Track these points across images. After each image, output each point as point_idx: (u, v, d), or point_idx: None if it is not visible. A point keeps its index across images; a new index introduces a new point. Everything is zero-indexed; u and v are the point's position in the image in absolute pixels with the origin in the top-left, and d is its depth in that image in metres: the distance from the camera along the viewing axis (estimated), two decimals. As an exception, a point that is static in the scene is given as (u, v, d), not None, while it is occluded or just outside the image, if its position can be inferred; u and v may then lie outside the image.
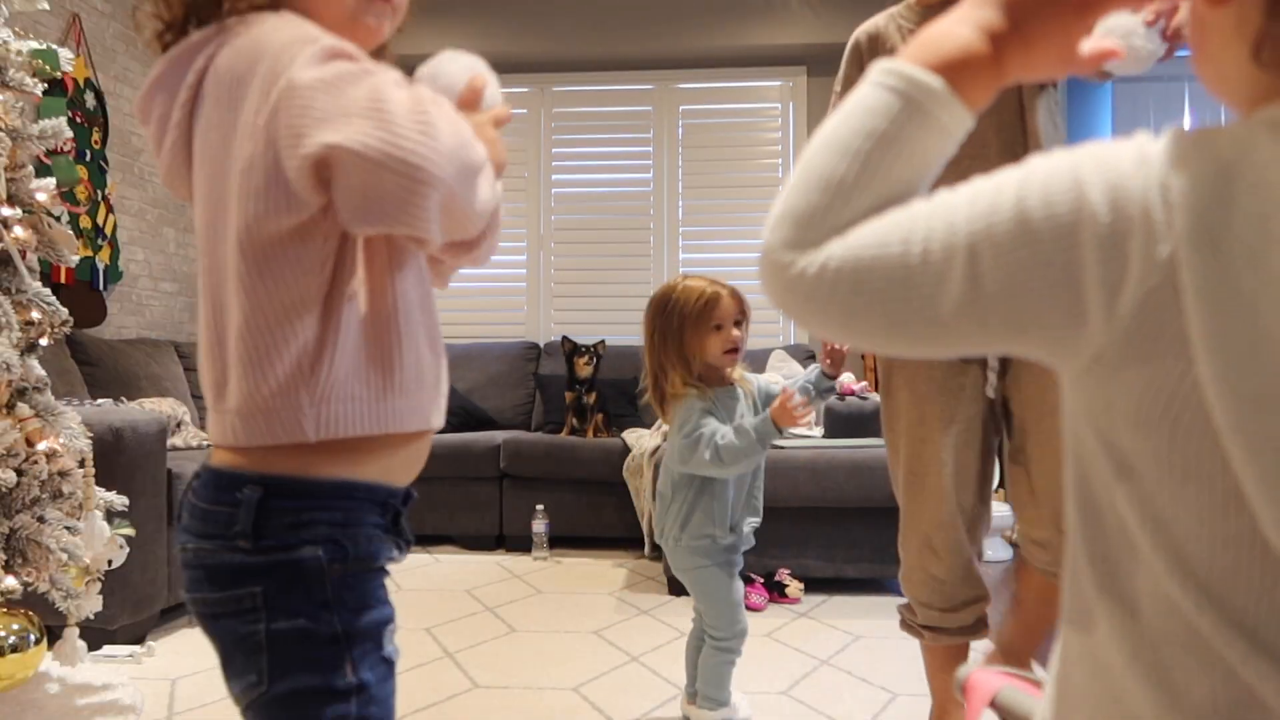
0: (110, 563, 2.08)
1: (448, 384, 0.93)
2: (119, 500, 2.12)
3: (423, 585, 3.26)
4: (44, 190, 1.99)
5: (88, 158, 3.69)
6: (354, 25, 0.85)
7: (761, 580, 3.03)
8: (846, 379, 3.82)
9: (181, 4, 0.82)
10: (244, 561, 0.80)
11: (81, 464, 2.00)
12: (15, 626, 1.90)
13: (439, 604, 3.00)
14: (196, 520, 0.83)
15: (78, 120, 3.61)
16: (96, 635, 2.35)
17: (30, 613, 1.95)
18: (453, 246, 0.91)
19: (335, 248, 0.79)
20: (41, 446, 1.90)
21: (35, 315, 1.93)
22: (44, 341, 1.98)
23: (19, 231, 1.92)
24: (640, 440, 3.63)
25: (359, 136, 0.67)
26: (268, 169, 0.74)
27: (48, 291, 1.97)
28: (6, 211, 1.90)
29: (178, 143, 0.83)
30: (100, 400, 2.98)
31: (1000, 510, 3.50)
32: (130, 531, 2.15)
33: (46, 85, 2.03)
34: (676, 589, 3.11)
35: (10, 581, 1.87)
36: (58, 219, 2.07)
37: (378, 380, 0.82)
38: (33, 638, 1.92)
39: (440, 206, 0.70)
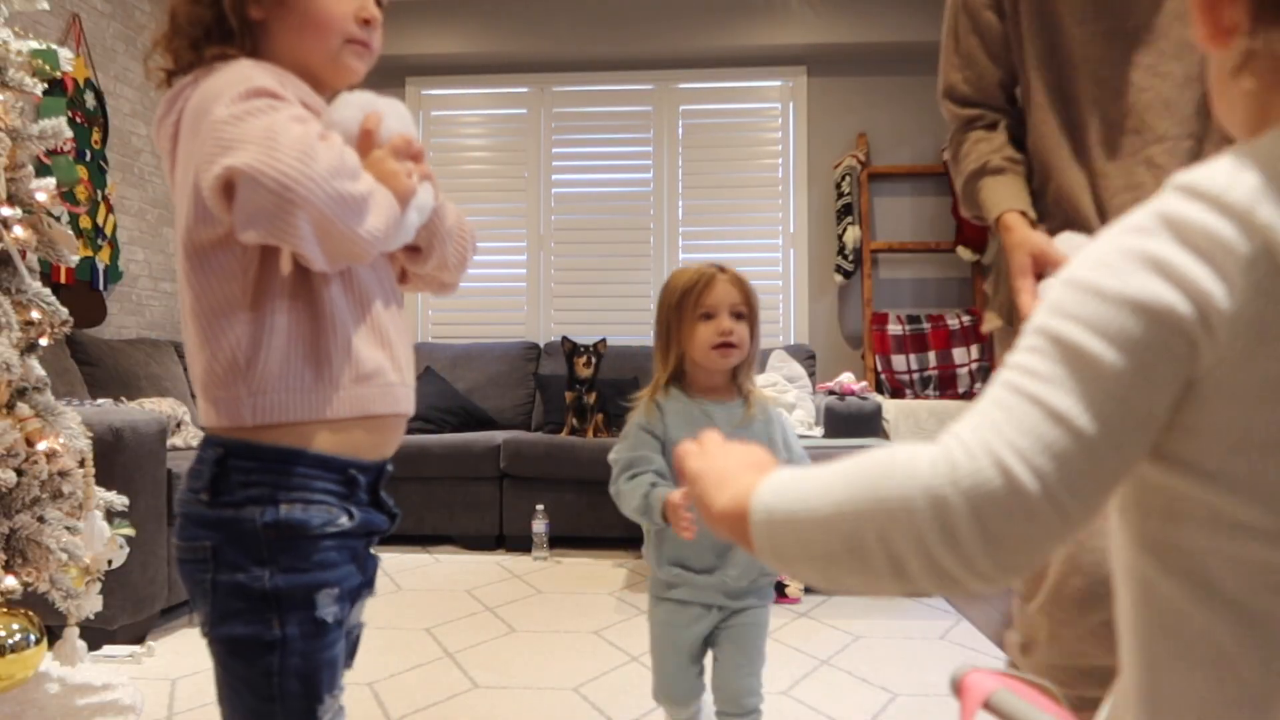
0: (110, 563, 2.08)
1: (408, 374, 1.04)
2: (119, 500, 2.12)
3: (423, 585, 3.26)
4: (44, 190, 1.99)
5: (88, 158, 3.69)
6: (335, 65, 1.00)
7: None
8: (846, 379, 3.83)
9: (184, 54, 0.98)
10: (203, 514, 0.93)
11: (81, 464, 2.00)
12: (15, 626, 1.90)
13: (439, 604, 3.00)
14: (187, 475, 0.97)
15: (78, 120, 3.61)
16: (96, 635, 2.35)
17: (30, 613, 1.95)
18: (409, 258, 1.06)
19: (256, 257, 0.91)
20: (41, 446, 1.90)
21: (35, 315, 1.93)
22: (44, 341, 1.98)
23: (19, 231, 1.92)
24: (640, 440, 3.63)
25: (246, 158, 0.79)
26: (194, 188, 0.88)
27: (48, 291, 1.97)
28: (6, 211, 1.90)
29: (171, 169, 0.97)
30: (100, 400, 2.98)
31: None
32: (130, 531, 2.15)
33: (46, 85, 2.03)
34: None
35: (10, 581, 1.87)
36: (58, 219, 2.07)
37: (311, 374, 0.93)
38: (33, 638, 1.92)
39: (313, 226, 0.82)
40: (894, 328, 4.57)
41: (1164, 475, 0.48)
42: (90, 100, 3.73)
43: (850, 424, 3.31)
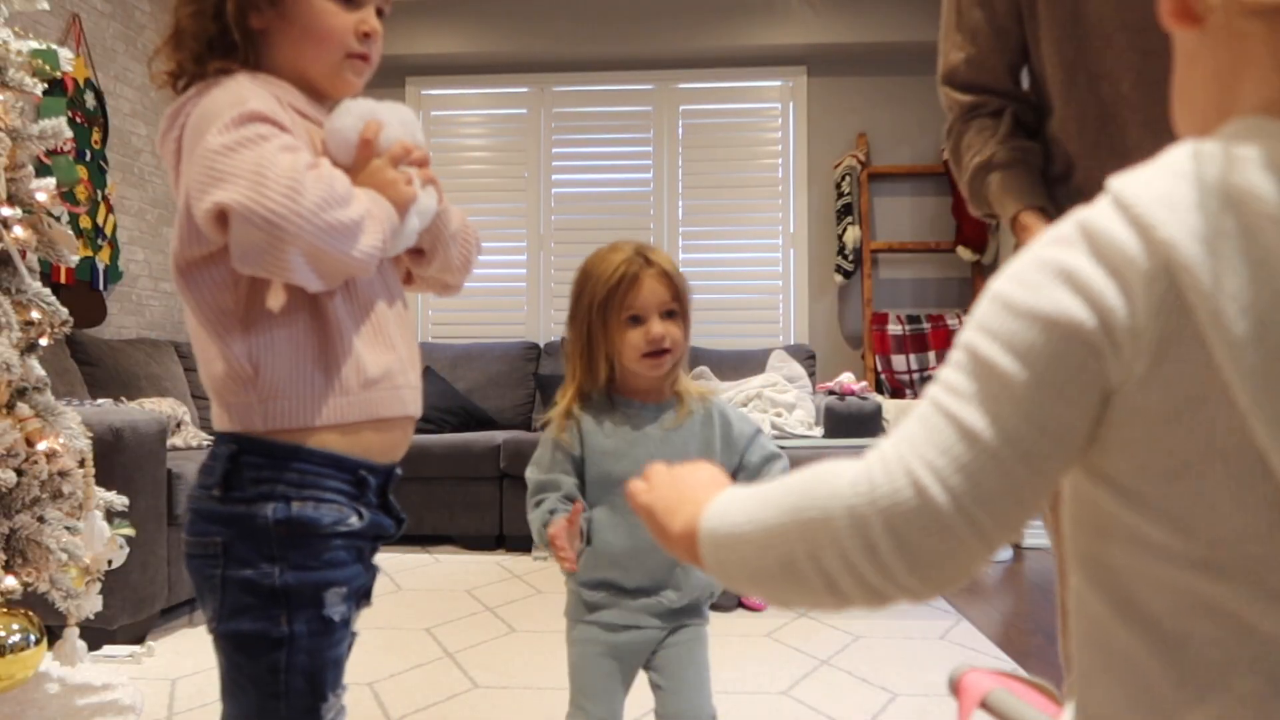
0: (110, 563, 2.08)
1: (414, 375, 1.04)
2: (119, 500, 2.12)
3: (423, 585, 3.26)
4: (44, 190, 1.99)
5: (88, 158, 3.69)
6: (334, 78, 1.01)
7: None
8: (846, 379, 3.83)
9: (187, 65, 0.99)
10: (214, 509, 0.94)
11: (81, 464, 2.00)
12: (15, 626, 1.90)
13: (439, 604, 3.00)
14: (199, 471, 0.98)
15: (78, 120, 3.61)
16: (96, 635, 2.35)
17: (30, 613, 1.95)
18: (413, 261, 1.07)
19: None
20: (41, 446, 1.90)
21: (35, 315, 1.93)
22: (44, 341, 1.98)
23: (19, 231, 1.92)
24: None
25: (236, 196, 0.82)
26: (184, 209, 0.90)
27: (48, 291, 1.97)
28: (6, 211, 1.90)
29: (175, 183, 0.98)
30: (100, 400, 2.98)
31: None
32: (130, 531, 2.15)
33: (46, 85, 2.03)
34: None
35: (10, 581, 1.87)
36: (58, 219, 2.07)
37: (320, 380, 0.94)
38: (33, 638, 1.92)
39: (306, 258, 0.84)
40: (894, 328, 4.57)
41: (1092, 490, 0.47)
42: (90, 100, 3.73)
43: (850, 424, 3.31)
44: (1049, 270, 0.45)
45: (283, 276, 0.87)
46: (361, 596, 1.04)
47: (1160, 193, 0.43)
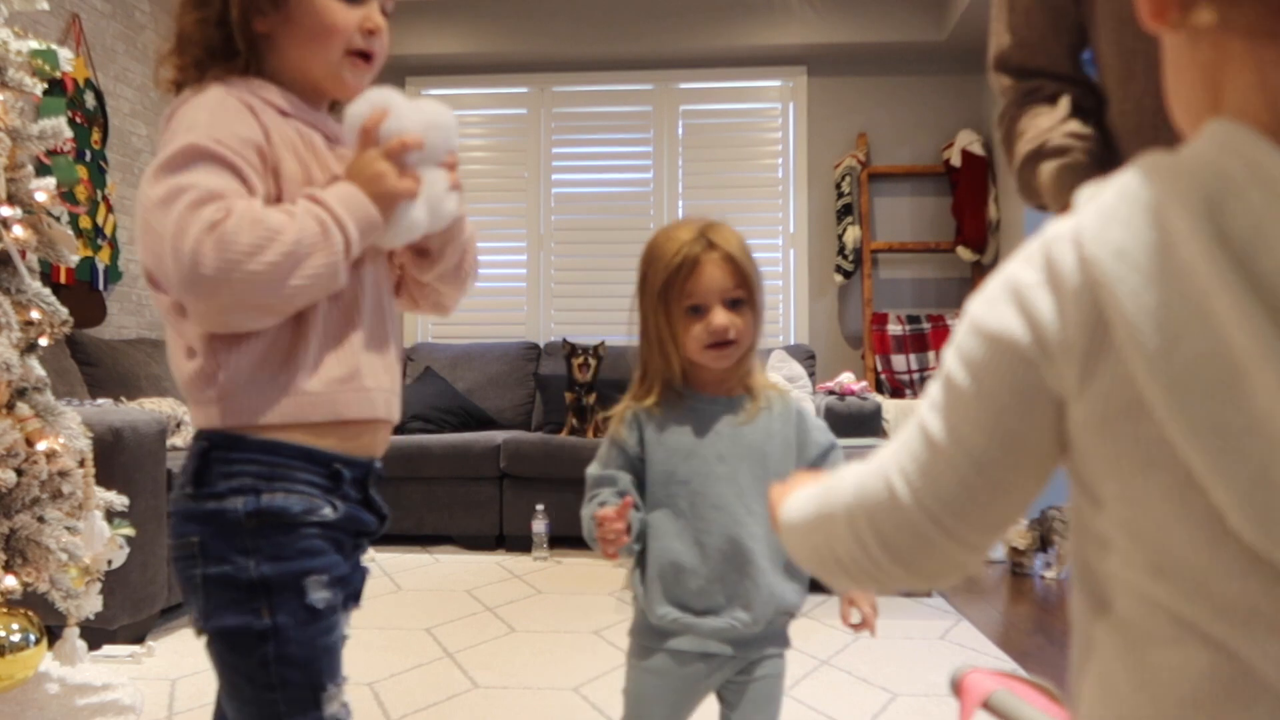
0: (110, 563, 2.08)
1: (389, 379, 1.03)
2: (119, 500, 2.12)
3: (423, 585, 3.26)
4: (44, 190, 1.99)
5: (88, 158, 3.69)
6: (335, 79, 1.00)
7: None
8: (846, 379, 3.83)
9: (189, 71, 0.99)
10: (189, 509, 0.94)
11: (81, 464, 2.00)
12: (15, 626, 1.90)
13: (439, 604, 3.00)
14: (180, 471, 0.98)
15: (78, 120, 3.61)
16: (96, 635, 2.35)
17: (30, 613, 1.95)
18: (416, 263, 1.08)
19: None
20: (41, 446, 1.90)
21: (35, 315, 1.93)
22: (44, 341, 1.98)
23: (19, 231, 1.92)
24: (640, 440, 3.63)
25: (156, 263, 0.85)
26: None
27: (48, 291, 1.97)
28: (6, 211, 1.90)
29: None
30: (100, 400, 2.98)
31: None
32: (130, 531, 2.15)
33: (46, 85, 2.03)
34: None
35: (10, 581, 1.87)
36: (58, 219, 2.07)
37: (283, 379, 0.93)
38: (33, 638, 1.92)
39: (237, 306, 0.86)
40: (894, 328, 4.57)
41: (1074, 492, 0.49)
42: (90, 100, 3.73)
43: (850, 424, 3.31)
44: (1006, 288, 0.47)
45: (221, 328, 0.90)
46: (351, 598, 1.03)
47: (1099, 206, 0.44)
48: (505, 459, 3.86)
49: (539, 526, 3.69)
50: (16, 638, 1.89)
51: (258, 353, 0.93)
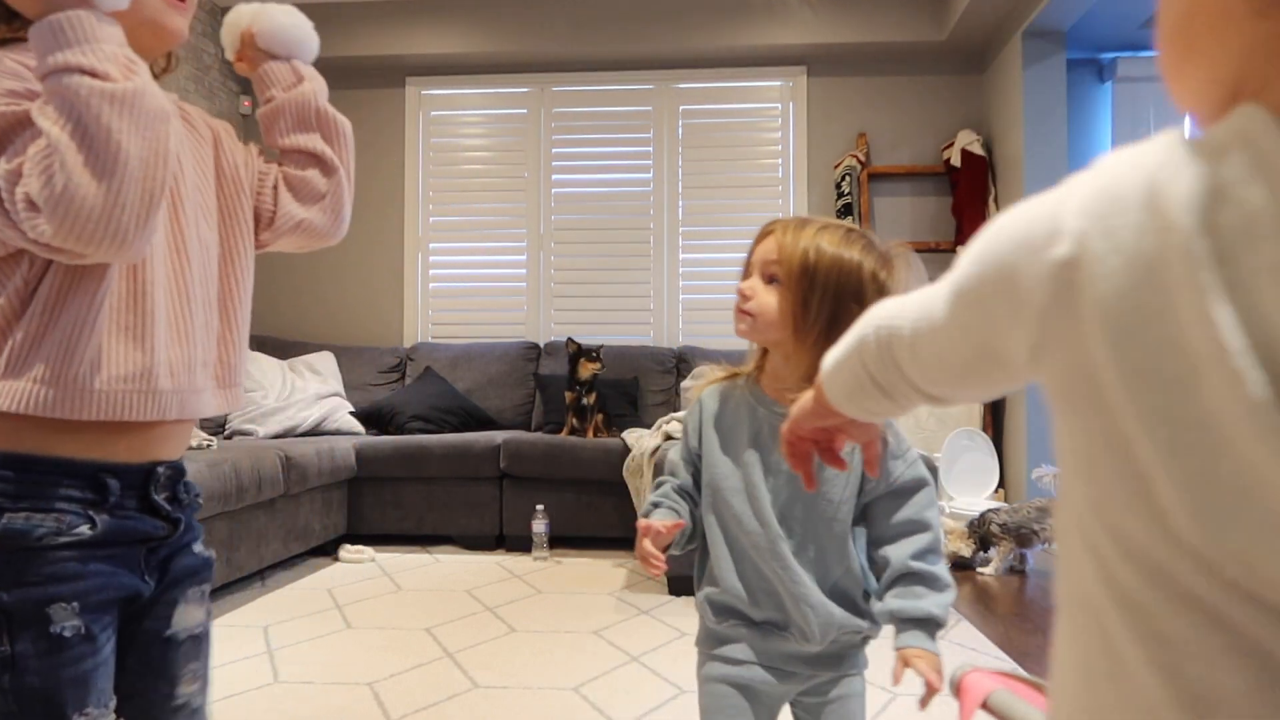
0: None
1: (190, 377, 0.97)
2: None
3: (423, 585, 3.26)
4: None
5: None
6: (157, 28, 0.93)
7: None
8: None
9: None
10: None
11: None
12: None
13: (439, 604, 3.00)
14: None
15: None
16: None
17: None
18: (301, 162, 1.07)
19: None
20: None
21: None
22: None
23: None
24: (640, 440, 3.63)
25: None
26: None
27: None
28: None
29: None
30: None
31: (993, 507, 3.50)
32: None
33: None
34: (677, 589, 3.11)
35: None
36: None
37: (59, 368, 0.87)
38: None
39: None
40: (894, 328, 4.57)
41: (1058, 463, 0.49)
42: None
43: (850, 424, 3.31)
44: (1042, 212, 0.46)
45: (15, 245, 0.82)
46: (186, 583, 1.00)
47: (1110, 177, 0.42)
48: (505, 459, 3.86)
49: (539, 526, 3.69)
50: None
51: (25, 335, 0.87)
